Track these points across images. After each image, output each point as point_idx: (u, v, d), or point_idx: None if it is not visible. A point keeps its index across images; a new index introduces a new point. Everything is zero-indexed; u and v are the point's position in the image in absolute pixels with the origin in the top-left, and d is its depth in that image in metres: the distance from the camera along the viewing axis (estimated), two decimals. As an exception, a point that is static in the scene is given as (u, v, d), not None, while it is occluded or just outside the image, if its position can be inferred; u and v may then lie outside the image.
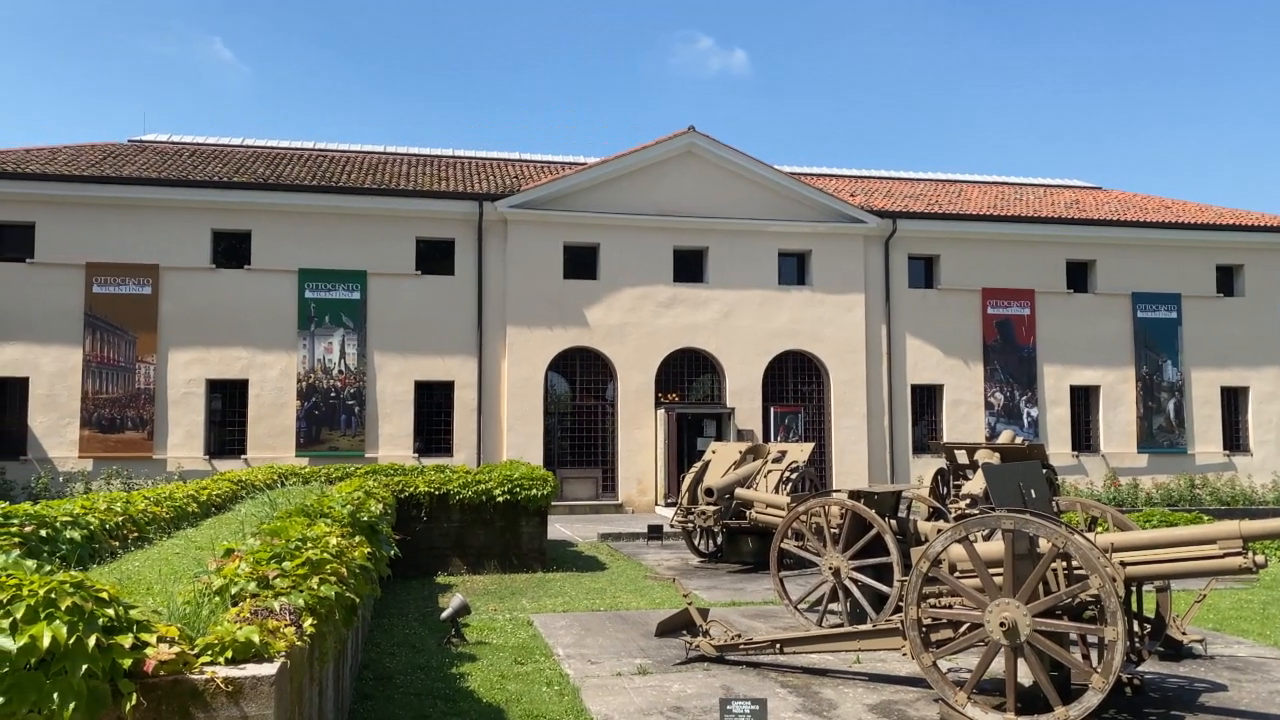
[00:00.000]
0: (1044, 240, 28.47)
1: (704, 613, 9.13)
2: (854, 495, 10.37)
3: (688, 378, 26.75)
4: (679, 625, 9.41)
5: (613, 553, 17.26)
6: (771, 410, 26.52)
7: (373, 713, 6.88)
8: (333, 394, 24.67)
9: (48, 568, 3.26)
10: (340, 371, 24.74)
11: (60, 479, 22.65)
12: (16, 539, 5.45)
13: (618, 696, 7.52)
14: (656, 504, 25.38)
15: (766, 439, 25.79)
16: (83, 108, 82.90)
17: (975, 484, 14.21)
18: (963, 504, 13.70)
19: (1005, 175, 34.67)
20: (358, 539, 5.87)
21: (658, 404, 25.92)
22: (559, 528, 20.48)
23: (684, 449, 25.70)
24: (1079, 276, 28.95)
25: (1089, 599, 7.00)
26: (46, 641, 2.78)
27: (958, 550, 7.58)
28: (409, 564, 13.10)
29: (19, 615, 2.84)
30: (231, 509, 10.17)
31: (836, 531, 10.19)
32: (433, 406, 25.50)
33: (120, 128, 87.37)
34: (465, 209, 25.45)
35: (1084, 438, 28.70)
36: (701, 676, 8.14)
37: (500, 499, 14.64)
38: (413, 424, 25.10)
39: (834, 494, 10.91)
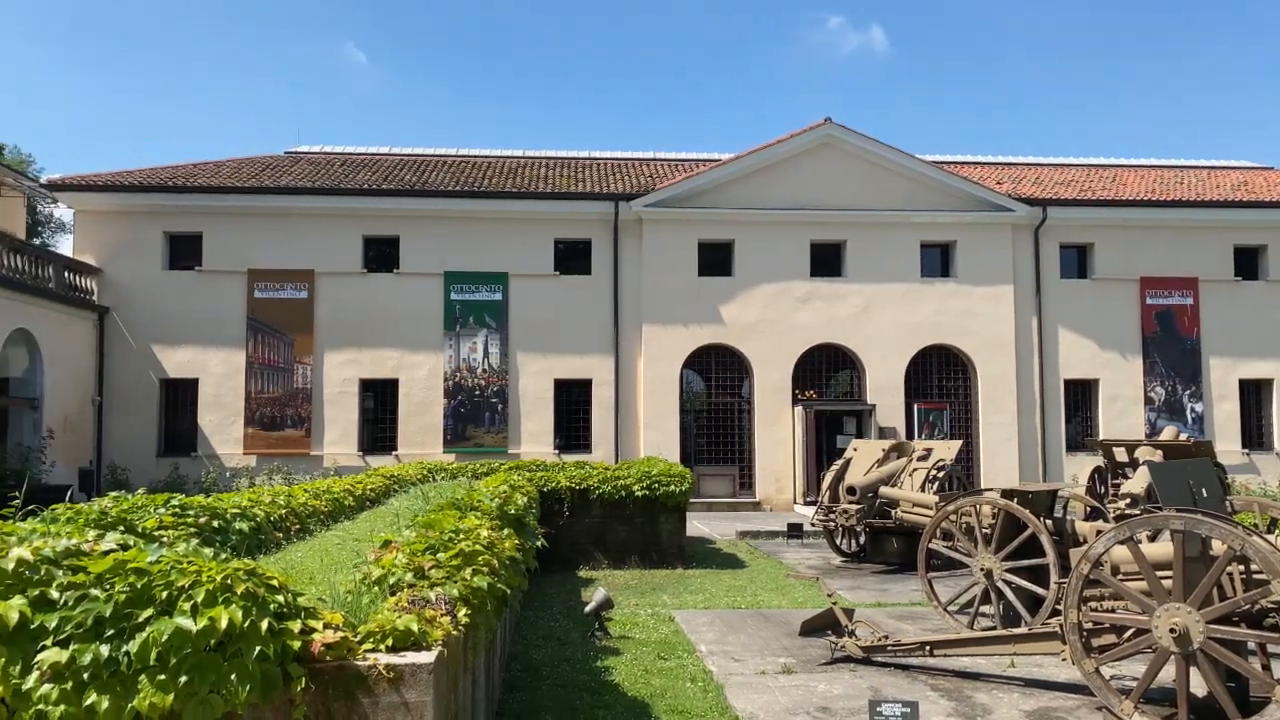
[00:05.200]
0: (1208, 225, 26.76)
1: (849, 613, 8.94)
2: (1007, 494, 9.96)
3: (826, 374, 26.32)
4: (823, 625, 9.24)
5: (752, 550, 17.13)
6: (915, 407, 25.83)
7: (521, 703, 7.01)
8: (477, 392, 25.36)
9: (223, 556, 3.43)
10: (484, 370, 25.41)
11: (227, 474, 24.03)
12: (192, 529, 5.78)
13: (762, 695, 7.43)
14: (795, 502, 25.08)
15: (909, 436, 25.15)
16: (241, 121, 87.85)
17: (1136, 483, 13.43)
18: (1122, 504, 12.97)
19: (1164, 159, 32.72)
20: (506, 531, 5.99)
21: (795, 401, 25.61)
22: (697, 525, 20.47)
23: (823, 446, 25.30)
24: (1248, 263, 27.09)
25: (1270, 605, 6.52)
26: (224, 624, 2.92)
27: (1121, 552, 7.19)
28: (552, 558, 13.32)
29: (199, 599, 2.99)
30: (385, 503, 10.56)
31: (988, 531, 9.82)
32: (571, 404, 25.90)
33: (276, 140, 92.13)
34: (601, 209, 25.75)
35: (1255, 434, 26.85)
36: (848, 677, 7.96)
37: (639, 495, 14.73)
38: (553, 421, 25.56)
39: (985, 493, 10.50)
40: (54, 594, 2.99)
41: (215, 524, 6.14)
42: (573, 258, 26.18)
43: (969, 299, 26.11)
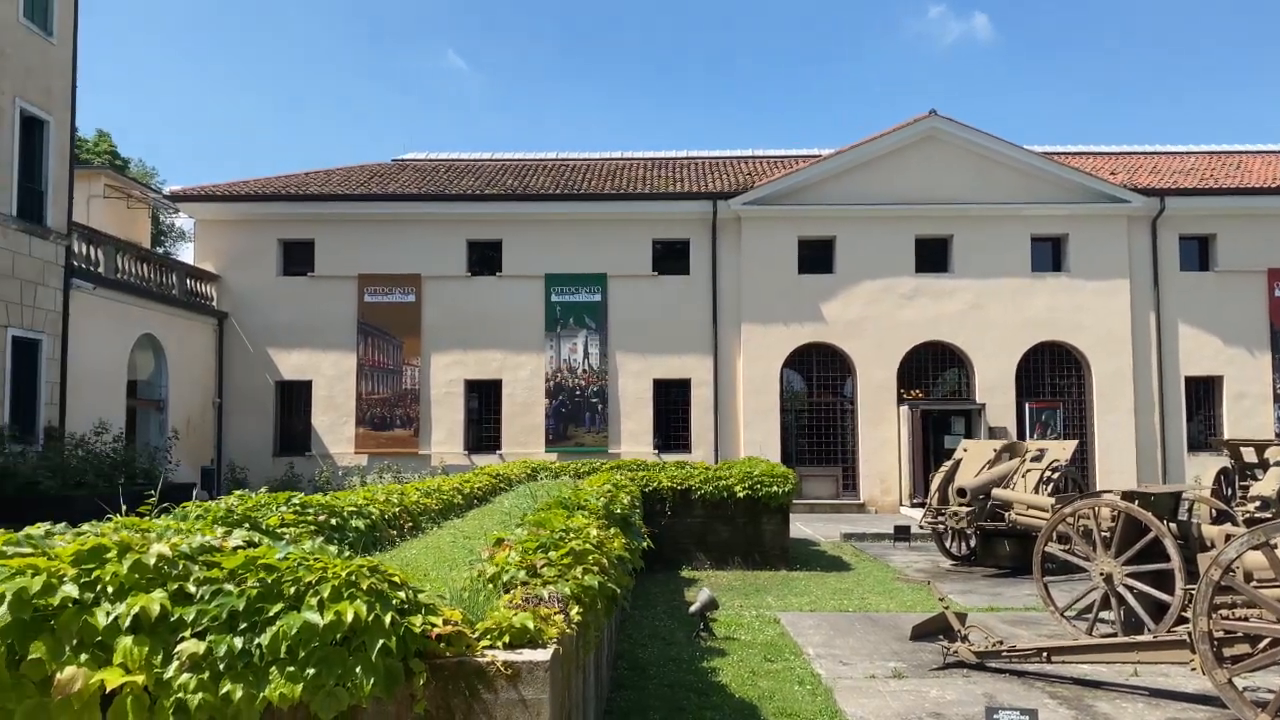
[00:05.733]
0: (1345, 212, 25.27)
1: (961, 617, 8.72)
2: (1127, 496, 9.56)
3: (933, 373, 25.75)
4: (935, 629, 9.04)
5: (857, 553, 16.86)
6: (1026, 406, 25.07)
7: (629, 702, 7.03)
8: (577, 392, 25.61)
9: (346, 553, 3.52)
10: (584, 371, 25.65)
11: (340, 473, 24.80)
12: (312, 527, 5.96)
13: (873, 699, 7.30)
14: (901, 504, 24.61)
15: (1021, 436, 24.41)
16: (349, 130, 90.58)
17: (1267, 484, 12.75)
18: (1251, 507, 12.34)
19: (1294, 143, 30.99)
20: (613, 531, 6.01)
21: (900, 400, 25.12)
22: (800, 526, 20.25)
23: (930, 447, 24.78)
24: (1388, 251, 25.49)
25: None
26: (349, 619, 3.00)
27: (1254, 558, 6.84)
28: (654, 557, 13.34)
29: (325, 594, 3.08)
30: (492, 501, 10.73)
31: (1107, 535, 9.45)
32: (670, 404, 25.93)
33: (383, 147, 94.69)
34: (699, 209, 25.72)
35: (1401, 435, 25.22)
36: (961, 683, 7.76)
37: (741, 496, 14.64)
38: (652, 421, 25.63)
39: (1103, 495, 10.11)
40: (191, 588, 3.11)
41: (333, 521, 6.31)
42: (671, 258, 26.21)
43: (1082, 294, 25.20)
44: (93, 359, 20.30)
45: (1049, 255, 25.87)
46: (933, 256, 25.70)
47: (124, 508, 4.83)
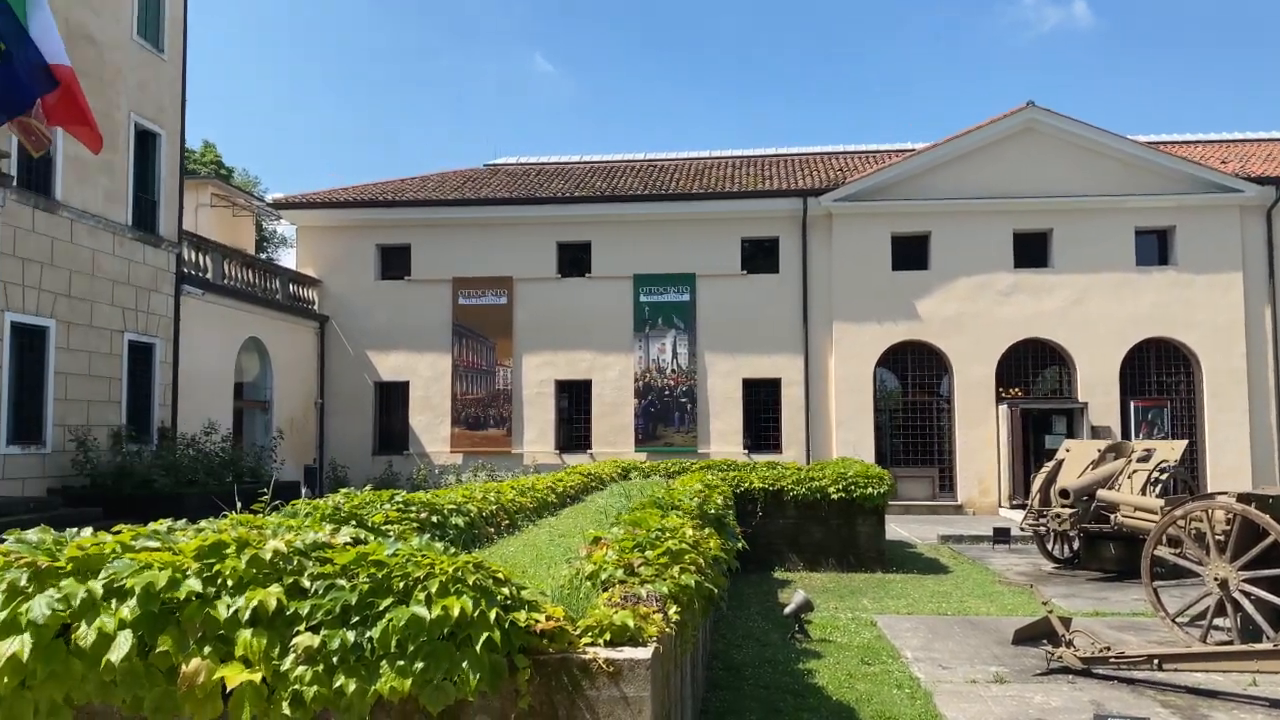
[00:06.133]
0: None
1: (1066, 622, 8.47)
2: (1244, 498, 9.16)
3: (1032, 370, 25.04)
4: (1038, 634, 8.80)
5: (955, 555, 16.51)
6: (1131, 404, 24.19)
7: (724, 702, 7.02)
8: (666, 392, 25.65)
9: (452, 549, 3.60)
10: (673, 371, 25.68)
11: (436, 471, 25.32)
12: (414, 524, 6.10)
13: (974, 704, 7.14)
14: (1000, 505, 24.00)
15: (1125, 436, 23.57)
16: (442, 135, 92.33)
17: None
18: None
19: None
20: (707, 531, 6.01)
21: (999, 399, 24.49)
22: (895, 528, 19.93)
23: (1030, 447, 24.11)
24: None
25: None
26: (456, 614, 3.06)
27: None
28: (746, 559, 13.25)
29: (433, 590, 3.15)
30: (584, 500, 10.82)
31: (1222, 539, 9.08)
32: (760, 403, 25.77)
33: (475, 152, 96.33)
34: (789, 206, 25.51)
35: None
36: (1066, 689, 7.54)
37: (835, 497, 14.48)
38: (741, 421, 25.51)
39: (1217, 497, 9.70)
40: (305, 583, 3.22)
41: (434, 519, 6.45)
42: (760, 256, 26.06)
43: (1191, 288, 24.21)
44: (202, 362, 21.14)
45: (1155, 248, 24.92)
46: (1032, 251, 25.00)
47: (239, 505, 5.02)
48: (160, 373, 19.64)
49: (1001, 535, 17.80)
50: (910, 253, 25.28)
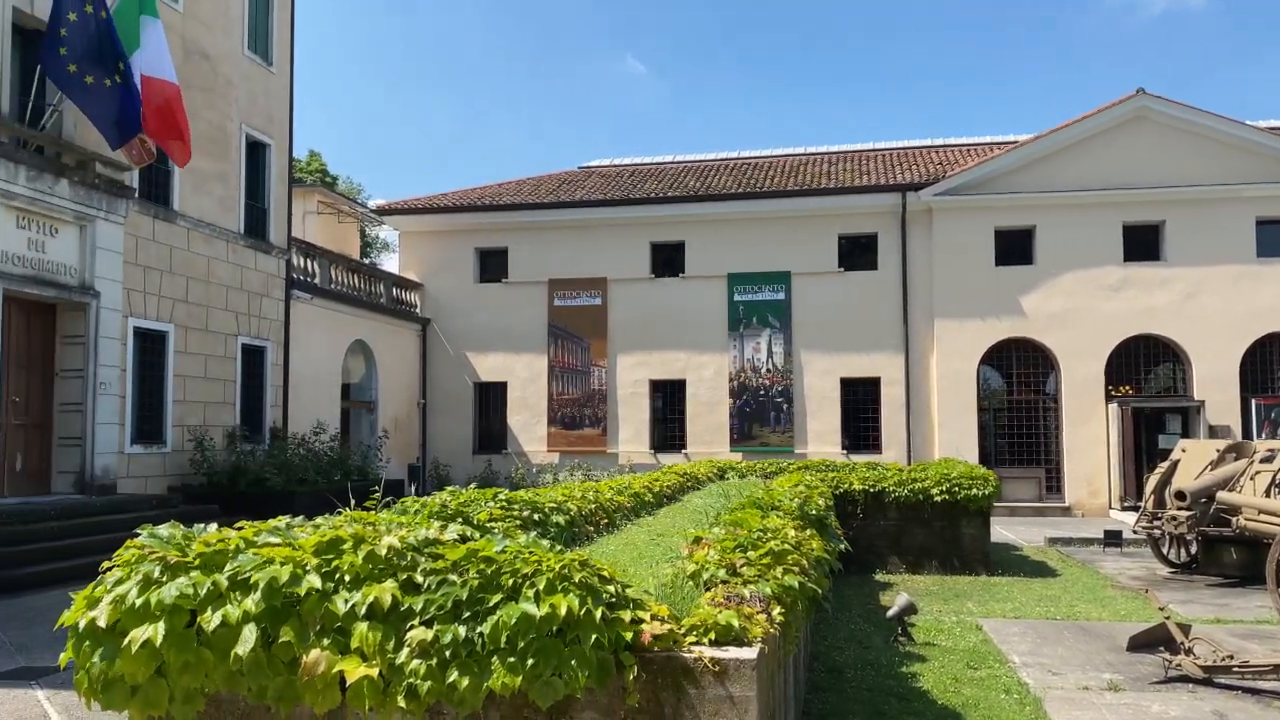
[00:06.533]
0: None
1: (1185, 628, 8.14)
2: (1381, 502, 8.64)
3: (1144, 367, 24.09)
4: (1154, 641, 8.47)
5: (1063, 558, 16.00)
6: (1253, 403, 23.06)
7: (827, 704, 6.95)
8: (761, 392, 25.49)
9: (558, 547, 3.64)
10: (768, 370, 25.50)
11: (534, 470, 25.68)
12: (517, 521, 6.20)
13: (1087, 712, 6.91)
14: (1111, 507, 23.16)
15: (1246, 436, 22.49)
16: (537, 138, 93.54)
17: None
18: None
19: None
20: (809, 532, 5.96)
21: (1108, 397, 23.64)
22: (1000, 530, 19.42)
23: (1142, 447, 23.21)
24: None
25: None
26: (563, 611, 3.11)
27: None
28: (847, 560, 13.08)
29: (541, 587, 3.20)
30: (681, 499, 10.81)
31: (1357, 544, 8.58)
32: (859, 403, 25.40)
33: (570, 155, 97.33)
34: (887, 202, 25.10)
35: None
36: (1186, 699, 7.24)
37: (938, 498, 14.18)
38: (839, 420, 25.19)
39: (1351, 500, 9.17)
40: (419, 578, 3.30)
41: (535, 517, 6.54)
42: (857, 253, 25.68)
43: (1319, 279, 22.97)
44: (311, 364, 21.87)
45: (1277, 239, 23.71)
46: (1142, 244, 24.05)
47: (352, 502, 5.18)
48: (272, 375, 20.38)
49: (1113, 538, 17.17)
50: (1014, 247, 24.60)
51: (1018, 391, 24.68)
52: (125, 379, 16.37)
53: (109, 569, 3.47)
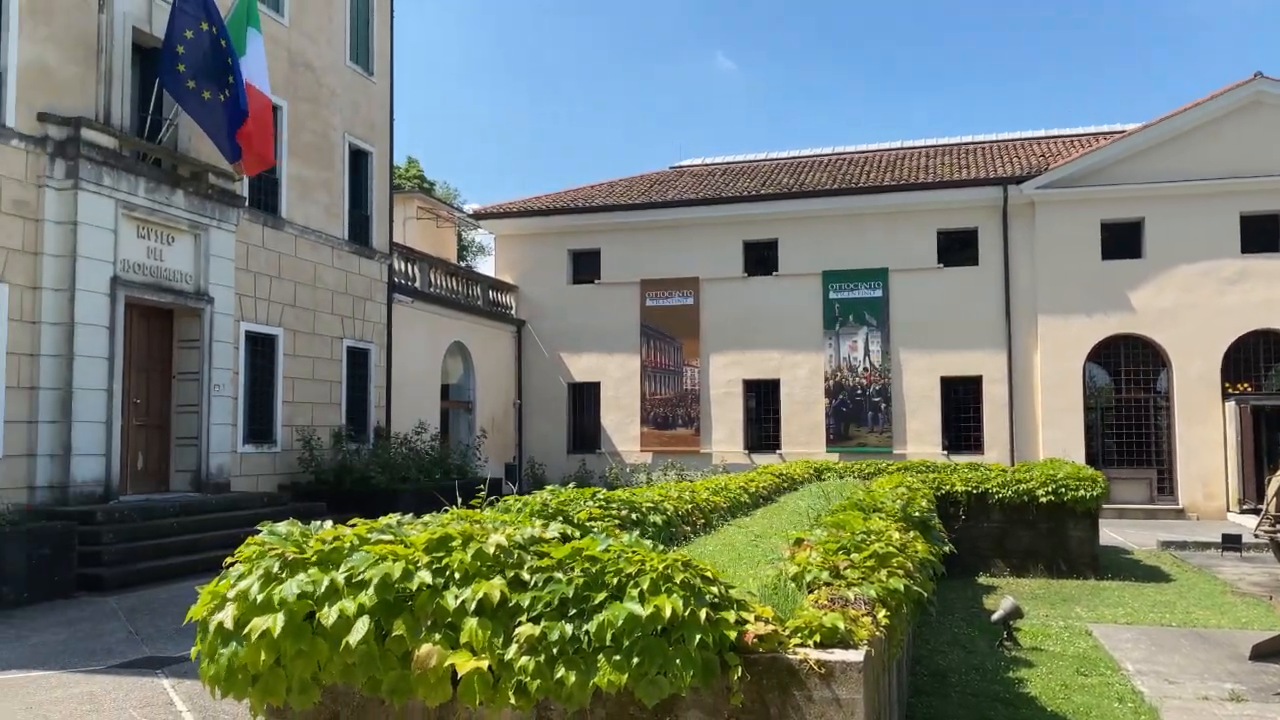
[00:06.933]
0: None
1: (1314, 639, 7.74)
2: None
3: (1264, 364, 22.96)
4: (1279, 650, 8.08)
5: (1178, 563, 15.38)
6: (1385, 400, 21.80)
7: (930, 709, 6.83)
8: (858, 391, 25.14)
9: (660, 547, 3.66)
10: (865, 369, 25.14)
11: (627, 469, 25.81)
12: (615, 521, 6.25)
13: (1207, 725, 6.64)
14: (1229, 510, 22.16)
15: (1378, 435, 21.25)
16: (629, 139, 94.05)
17: None
18: None
19: None
20: (912, 534, 5.86)
21: (1225, 395, 22.62)
22: (1109, 532, 18.76)
23: (1262, 447, 22.14)
24: None
25: None
26: (668, 611, 3.12)
27: None
28: (949, 563, 12.71)
29: (645, 586, 3.22)
30: (777, 500, 10.75)
31: None
32: (959, 402, 24.85)
33: (662, 155, 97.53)
34: (988, 195, 24.49)
35: None
36: (1316, 713, 6.88)
37: (1044, 500, 13.78)
38: (939, 420, 24.69)
39: None
40: (525, 576, 3.37)
41: (633, 516, 6.58)
42: (956, 248, 25.12)
43: None
44: (412, 365, 22.41)
45: None
46: (1262, 235, 22.93)
47: (459, 500, 5.30)
48: (375, 376, 20.96)
49: (1232, 542, 16.42)
50: (1122, 240, 23.73)
51: (1126, 390, 23.81)
52: (237, 381, 17.03)
53: (232, 564, 3.62)
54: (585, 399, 27.52)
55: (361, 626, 3.25)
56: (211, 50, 14.79)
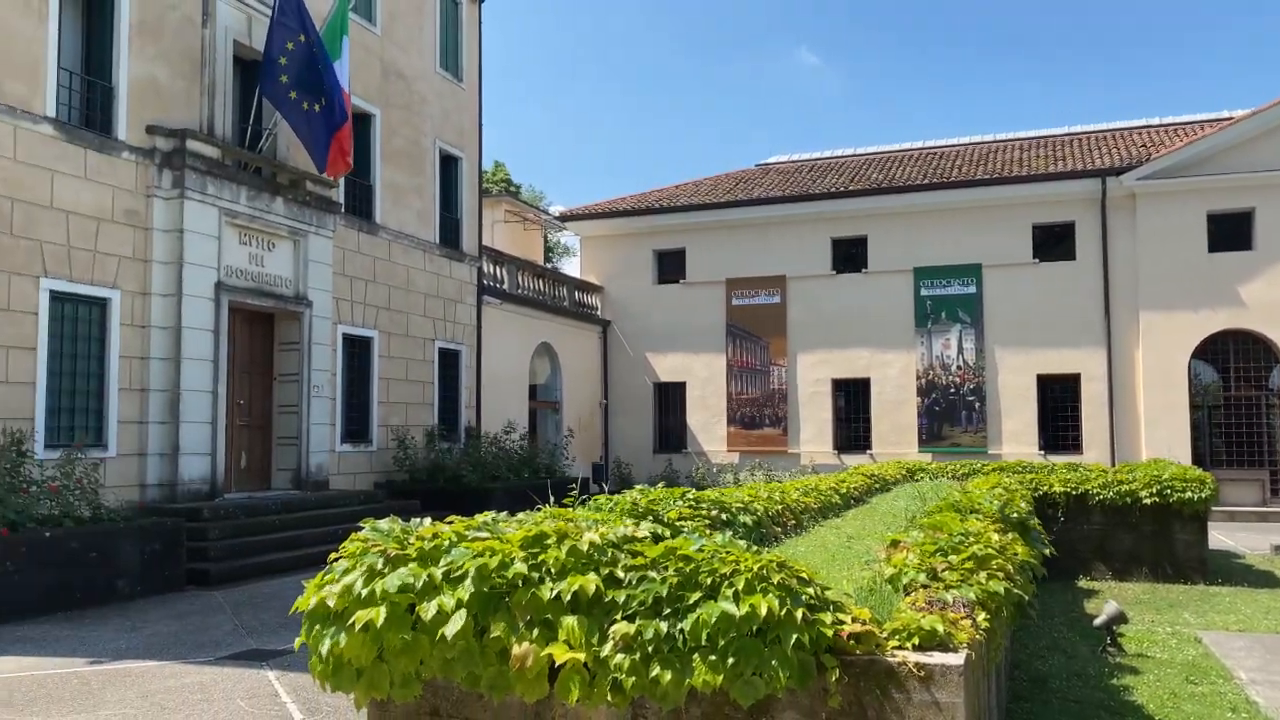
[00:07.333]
0: None
1: None
2: None
3: (1387, 360, 21.81)
4: None
5: (1294, 568, 14.66)
6: None
7: (1030, 715, 6.64)
8: (951, 390, 24.64)
9: (754, 547, 3.65)
10: (958, 367, 24.63)
11: (714, 469, 25.77)
12: (705, 520, 6.24)
13: (1330, 739, 6.32)
14: (1349, 513, 21.08)
15: None
16: (713, 138, 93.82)
17: None
18: None
19: None
20: (1011, 536, 5.72)
21: (1344, 393, 21.53)
22: (1218, 536, 17.99)
23: (1386, 447, 21.01)
24: None
25: None
26: (763, 611, 3.11)
27: None
28: (1048, 565, 12.36)
29: (739, 587, 3.22)
30: (868, 501, 10.60)
31: None
32: (1056, 401, 24.16)
33: (746, 153, 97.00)
34: (1085, 188, 23.76)
35: None
36: None
37: (1147, 501, 13.28)
38: (1036, 419, 24.04)
39: None
40: (619, 574, 3.39)
41: (723, 516, 6.57)
42: (1052, 243, 24.42)
43: None
44: (500, 366, 22.75)
45: None
46: (1384, 223, 21.77)
47: (552, 499, 5.36)
48: (465, 376, 21.34)
49: (1354, 548, 15.61)
50: (1230, 232, 22.76)
51: (1236, 387, 22.83)
52: (335, 382, 17.51)
53: (336, 559, 3.73)
54: (671, 399, 27.55)
55: (459, 619, 3.31)
56: (309, 61, 15.25)
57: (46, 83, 12.78)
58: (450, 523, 3.95)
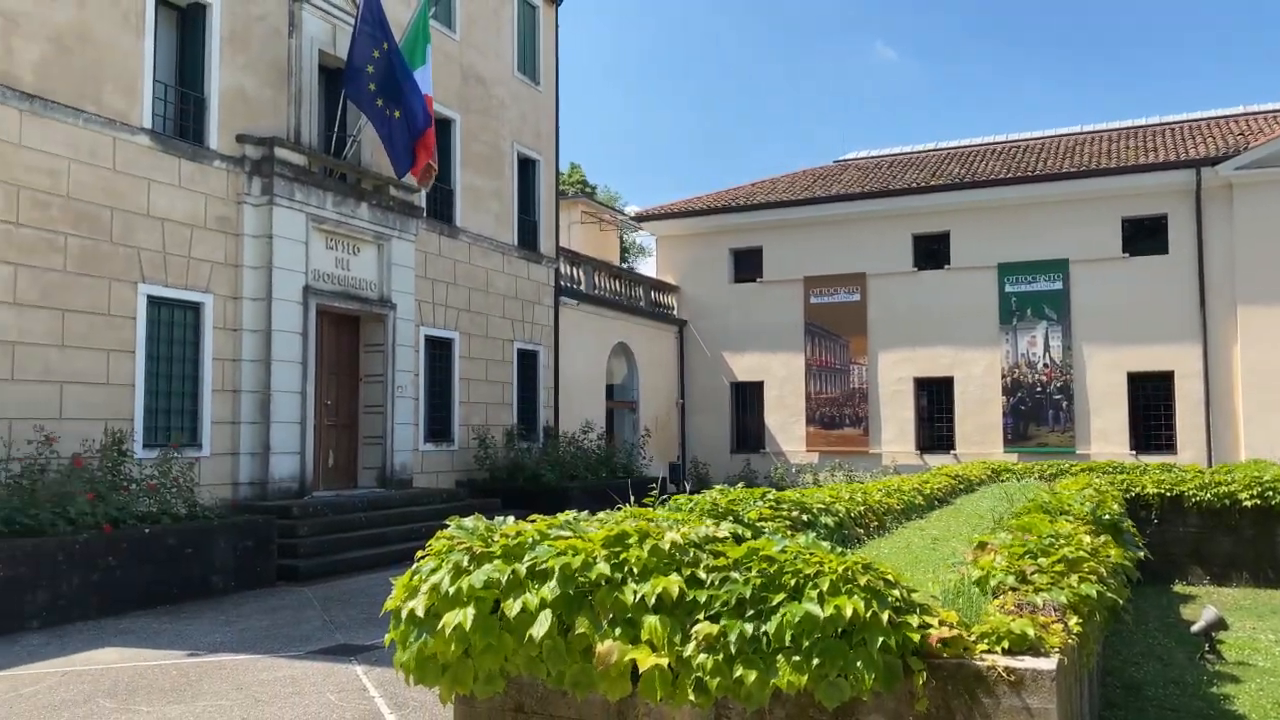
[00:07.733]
0: None
1: None
2: None
3: None
4: None
5: None
6: None
7: (1124, 724, 6.45)
8: (1038, 389, 24.03)
9: (838, 549, 3.62)
10: (1045, 365, 24.01)
11: (793, 470, 25.55)
12: (786, 521, 6.20)
13: None
14: None
15: None
16: (791, 134, 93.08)
17: None
18: None
19: None
20: (1104, 538, 5.56)
21: None
22: (1324, 540, 17.18)
23: None
24: None
25: None
26: (848, 613, 3.08)
27: None
28: (1141, 569, 12.05)
29: (824, 588, 3.19)
30: (953, 503, 10.41)
31: None
32: (1148, 399, 23.38)
33: (825, 149, 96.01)
34: (1178, 179, 22.94)
35: None
36: None
37: (1247, 504, 12.77)
38: (1126, 419, 23.31)
39: None
40: (701, 574, 3.39)
41: (804, 518, 6.51)
42: (1143, 236, 23.63)
43: None
44: (578, 366, 22.91)
45: None
46: None
47: (632, 499, 5.38)
48: (543, 377, 21.54)
49: None
50: (1335, 222, 21.75)
51: (1343, 384, 21.80)
52: (418, 383, 17.84)
53: (423, 557, 3.80)
54: (748, 398, 27.40)
55: (545, 620, 3.35)
56: (392, 68, 15.56)
57: (143, 95, 13.26)
58: (533, 521, 4.00)
